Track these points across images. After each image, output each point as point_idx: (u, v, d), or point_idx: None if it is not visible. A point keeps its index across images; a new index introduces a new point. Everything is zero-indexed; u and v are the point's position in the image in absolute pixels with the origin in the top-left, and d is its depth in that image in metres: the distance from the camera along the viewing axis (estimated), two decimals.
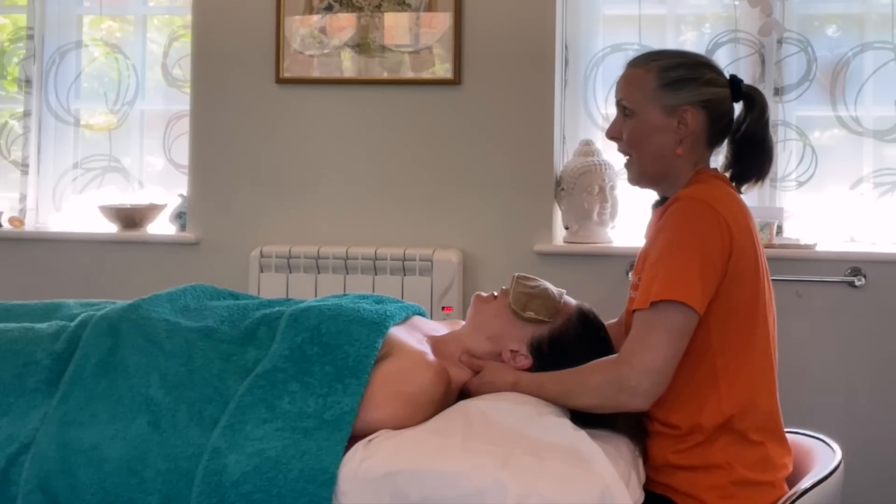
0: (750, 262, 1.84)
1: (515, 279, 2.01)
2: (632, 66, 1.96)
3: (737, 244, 1.80)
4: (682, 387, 1.84)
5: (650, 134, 1.90)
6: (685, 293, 1.74)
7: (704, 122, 1.90)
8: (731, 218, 1.81)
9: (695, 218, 1.80)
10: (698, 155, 1.93)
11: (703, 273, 1.76)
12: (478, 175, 3.37)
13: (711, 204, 1.80)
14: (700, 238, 1.78)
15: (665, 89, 1.89)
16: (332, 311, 1.91)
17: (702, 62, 1.96)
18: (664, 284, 1.76)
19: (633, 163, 1.96)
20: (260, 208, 3.48)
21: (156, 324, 1.92)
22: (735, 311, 1.83)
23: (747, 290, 1.84)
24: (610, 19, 3.46)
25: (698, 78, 1.90)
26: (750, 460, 1.84)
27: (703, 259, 1.77)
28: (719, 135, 1.94)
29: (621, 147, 1.97)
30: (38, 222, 3.74)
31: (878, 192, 3.30)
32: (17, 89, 3.77)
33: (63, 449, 1.74)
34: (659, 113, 1.89)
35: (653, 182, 1.97)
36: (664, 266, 1.78)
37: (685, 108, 1.88)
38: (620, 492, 1.65)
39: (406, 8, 3.39)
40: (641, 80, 1.92)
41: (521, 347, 1.96)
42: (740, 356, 1.84)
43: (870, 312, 3.15)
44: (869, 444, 3.07)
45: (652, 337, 1.75)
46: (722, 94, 1.92)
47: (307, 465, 1.66)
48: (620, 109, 1.95)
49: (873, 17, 3.31)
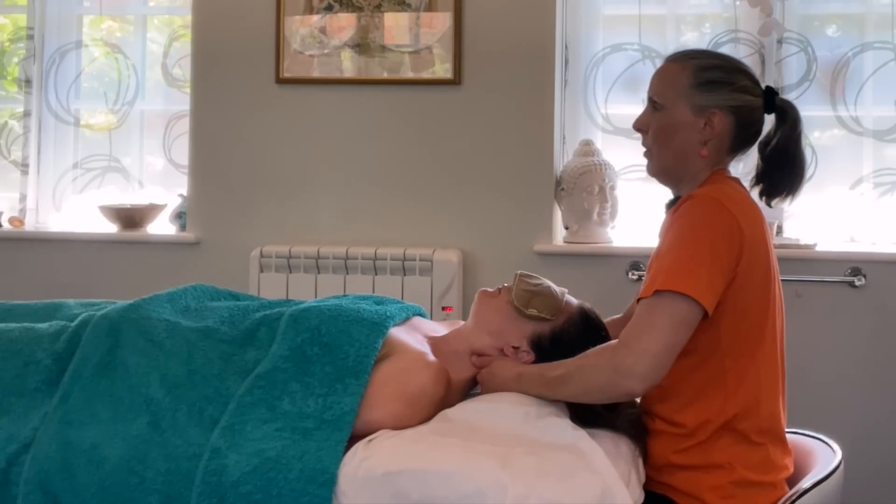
0: (762, 265, 1.84)
1: (518, 277, 2.02)
2: (670, 60, 1.96)
3: (748, 246, 1.80)
4: (690, 386, 1.84)
5: (675, 130, 1.90)
6: (690, 286, 1.74)
7: (731, 127, 1.89)
8: (743, 219, 1.81)
9: (707, 215, 1.80)
10: (719, 158, 1.92)
11: (711, 269, 1.76)
12: (478, 175, 3.37)
13: (725, 204, 1.80)
14: (710, 235, 1.78)
15: (698, 88, 1.89)
16: (332, 312, 1.91)
17: (740, 68, 1.95)
18: (669, 275, 1.75)
19: (653, 156, 1.96)
20: (260, 208, 3.48)
21: (156, 324, 1.92)
22: (746, 312, 1.82)
23: (758, 292, 1.84)
24: (610, 19, 3.46)
25: (733, 83, 1.90)
26: (751, 461, 1.84)
27: (713, 255, 1.76)
28: (744, 143, 1.93)
29: (645, 140, 1.97)
30: (38, 222, 3.74)
31: (878, 192, 3.30)
32: (17, 89, 3.77)
33: (63, 449, 1.74)
34: (688, 110, 1.89)
35: (670, 178, 1.96)
36: (672, 258, 1.78)
37: (714, 110, 1.88)
38: (620, 492, 1.66)
39: (406, 8, 3.39)
40: (676, 75, 1.91)
41: (522, 344, 1.96)
42: (748, 358, 1.84)
43: (870, 312, 3.15)
44: (869, 444, 3.07)
45: (653, 322, 1.74)
46: (754, 104, 1.91)
47: (307, 465, 1.66)
48: (651, 103, 1.95)
49: (873, 17, 3.31)
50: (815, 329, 3.15)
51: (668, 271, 1.76)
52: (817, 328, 3.16)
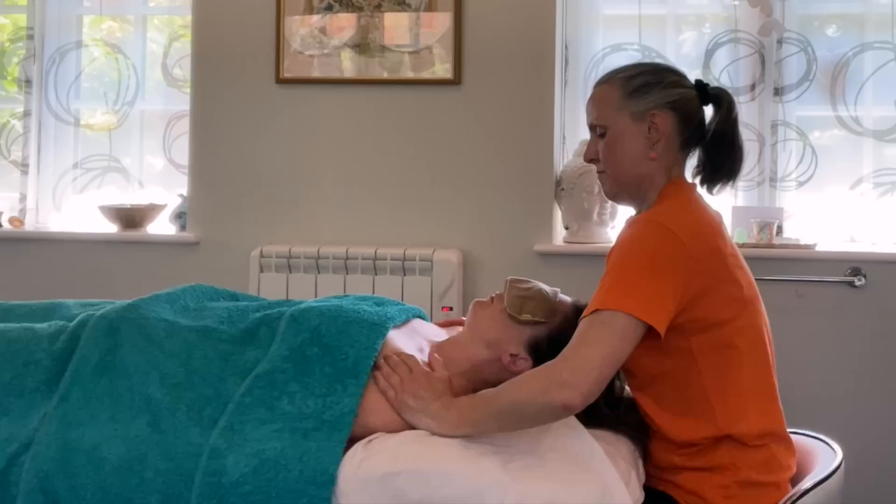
0: (720, 277, 1.81)
1: (508, 283, 2.01)
2: (596, 86, 1.97)
3: (695, 261, 1.77)
4: (675, 407, 1.84)
5: (623, 143, 1.90)
6: (627, 302, 1.71)
7: (674, 123, 1.89)
8: (687, 236, 1.78)
9: (647, 237, 1.79)
10: (671, 159, 1.91)
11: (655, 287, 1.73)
12: (478, 175, 3.37)
13: (666, 225, 1.78)
14: (650, 254, 1.76)
15: (631, 97, 1.89)
16: (332, 312, 1.91)
17: (662, 67, 1.98)
18: (608, 295, 1.74)
19: (607, 176, 1.94)
20: (260, 208, 3.48)
21: (155, 324, 1.92)
22: (715, 327, 1.81)
23: (723, 304, 1.81)
24: (610, 19, 3.46)
25: (661, 81, 1.90)
26: (755, 461, 1.84)
27: (652, 272, 1.74)
28: (691, 138, 1.93)
29: (599, 167, 1.96)
30: (38, 222, 3.74)
31: (878, 192, 3.30)
32: (17, 89, 3.77)
33: (63, 449, 1.74)
34: (629, 121, 1.89)
35: (628, 194, 1.94)
36: (610, 279, 1.77)
37: (653, 112, 1.88)
38: (620, 491, 1.66)
39: (406, 8, 3.39)
40: (607, 94, 1.92)
41: (519, 350, 1.95)
42: (728, 373, 1.82)
43: (870, 312, 3.15)
44: (870, 443, 3.07)
45: (589, 334, 1.72)
46: (688, 94, 1.91)
47: (306, 465, 1.66)
48: (593, 131, 1.95)
49: (873, 17, 3.31)
50: (815, 329, 3.15)
51: (607, 291, 1.74)
52: (817, 328, 3.15)
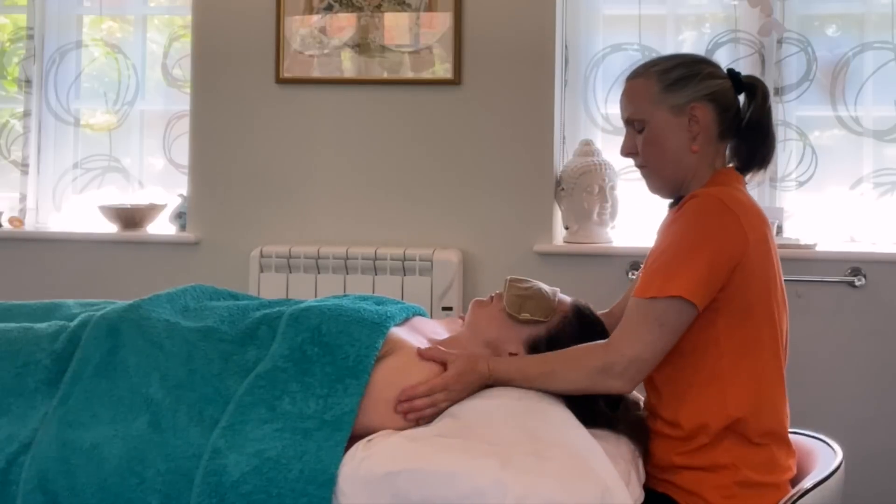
0: (764, 267, 1.84)
1: (508, 282, 2.01)
2: (630, 78, 1.97)
3: (751, 246, 1.80)
4: (686, 386, 1.84)
5: (664, 138, 1.90)
6: (685, 288, 1.75)
7: (713, 114, 1.90)
8: (746, 220, 1.81)
9: (709, 215, 1.80)
10: (713, 151, 1.92)
11: (710, 270, 1.77)
12: (478, 175, 3.37)
13: (728, 203, 1.81)
14: (712, 235, 1.78)
15: (669, 90, 1.89)
16: (332, 312, 1.91)
17: (698, 59, 1.98)
18: (666, 279, 1.77)
19: (650, 171, 1.95)
20: (260, 208, 3.48)
21: (156, 324, 1.92)
22: (746, 313, 1.82)
23: (760, 293, 1.83)
24: (610, 19, 3.46)
25: (698, 73, 1.91)
26: (755, 461, 1.84)
27: (712, 256, 1.77)
28: (728, 128, 1.93)
29: (638, 161, 1.96)
30: (38, 222, 3.74)
31: (878, 192, 3.30)
32: (17, 89, 3.77)
33: (63, 449, 1.74)
34: (668, 115, 1.89)
35: (673, 188, 1.95)
36: (668, 258, 1.79)
37: (692, 104, 1.89)
38: (620, 491, 1.65)
39: (406, 8, 3.39)
40: (644, 88, 1.92)
41: (519, 349, 1.95)
42: (747, 358, 1.83)
43: (870, 312, 3.15)
44: (870, 444, 3.07)
45: (645, 328, 1.78)
46: (725, 85, 1.92)
47: (307, 465, 1.66)
48: (630, 125, 1.95)
49: (873, 17, 3.31)
50: (815, 329, 3.15)
51: (665, 274, 1.77)
52: (817, 328, 3.15)
